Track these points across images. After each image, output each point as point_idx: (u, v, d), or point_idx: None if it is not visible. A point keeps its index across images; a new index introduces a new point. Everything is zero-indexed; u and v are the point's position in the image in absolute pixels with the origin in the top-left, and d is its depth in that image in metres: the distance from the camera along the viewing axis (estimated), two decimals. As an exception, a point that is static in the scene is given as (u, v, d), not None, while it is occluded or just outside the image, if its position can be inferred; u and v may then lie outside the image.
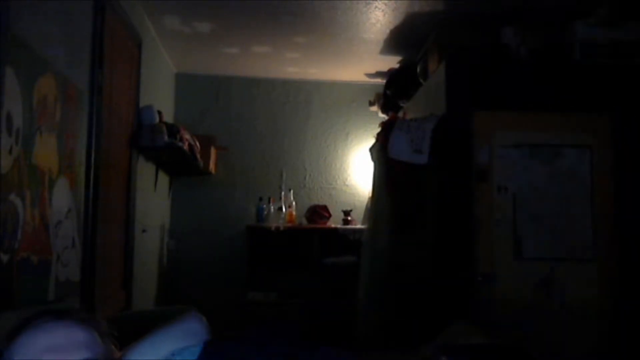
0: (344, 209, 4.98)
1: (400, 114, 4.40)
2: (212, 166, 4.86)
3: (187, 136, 4.09)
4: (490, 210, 3.40)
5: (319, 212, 4.94)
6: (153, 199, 4.20)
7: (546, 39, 3.58)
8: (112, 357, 1.19)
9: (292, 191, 4.97)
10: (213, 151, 4.85)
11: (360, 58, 4.60)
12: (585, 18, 3.52)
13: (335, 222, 4.96)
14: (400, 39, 4.12)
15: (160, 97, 4.33)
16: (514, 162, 3.45)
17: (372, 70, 4.90)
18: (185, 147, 3.99)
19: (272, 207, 4.87)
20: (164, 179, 4.55)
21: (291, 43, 4.32)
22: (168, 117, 4.42)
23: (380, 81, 4.86)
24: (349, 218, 4.94)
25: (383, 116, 4.74)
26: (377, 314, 3.72)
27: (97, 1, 2.73)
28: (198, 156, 4.40)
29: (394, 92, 4.52)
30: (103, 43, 2.79)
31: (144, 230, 3.85)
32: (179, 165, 4.42)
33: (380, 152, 3.78)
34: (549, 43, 3.57)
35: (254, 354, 1.27)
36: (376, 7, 3.64)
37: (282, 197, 4.93)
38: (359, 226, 4.77)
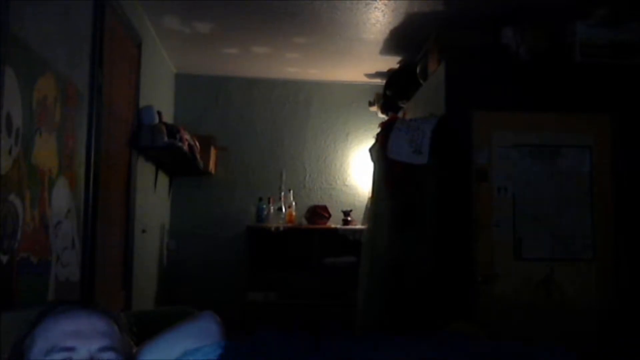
0: (344, 209, 4.97)
1: (400, 115, 4.40)
2: (212, 166, 4.86)
3: (186, 136, 4.09)
4: (490, 210, 3.40)
5: (318, 213, 4.94)
6: (153, 199, 4.20)
7: (546, 39, 3.57)
8: (131, 352, 1.21)
9: (292, 191, 4.96)
10: (213, 151, 4.85)
11: (360, 58, 4.59)
12: (585, 18, 3.52)
13: (335, 223, 4.96)
14: (400, 39, 4.12)
15: (160, 97, 4.33)
16: (514, 162, 3.45)
17: (372, 71, 4.90)
18: (185, 147, 3.99)
19: (272, 208, 4.87)
20: (163, 179, 4.55)
21: (291, 43, 4.32)
22: (168, 118, 4.42)
23: (380, 81, 4.85)
24: (349, 218, 4.94)
25: (383, 116, 4.74)
26: (377, 314, 3.72)
27: (97, 1, 2.73)
28: (198, 156, 4.40)
29: (393, 92, 4.51)
30: (103, 43, 2.79)
31: (144, 230, 3.85)
32: (179, 166, 4.42)
33: (380, 152, 3.77)
34: (549, 43, 3.57)
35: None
36: (376, 7, 3.64)
37: (282, 198, 4.93)
38: (359, 226, 4.76)
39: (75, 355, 1.09)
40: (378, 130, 4.01)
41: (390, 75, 4.63)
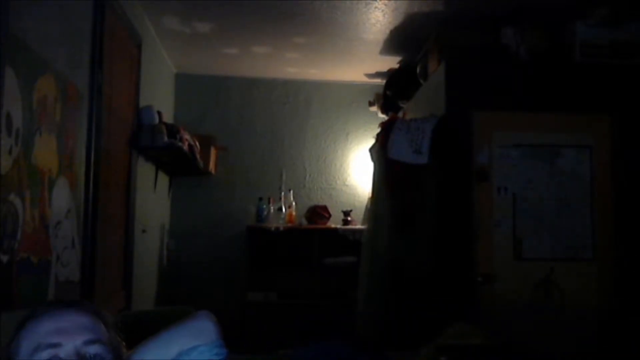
0: (344, 209, 4.98)
1: (400, 115, 4.40)
2: (212, 166, 4.86)
3: (186, 136, 4.09)
4: (490, 210, 3.40)
5: (318, 213, 4.94)
6: (153, 199, 4.20)
7: (546, 39, 3.57)
8: (119, 348, 1.21)
9: (292, 191, 4.96)
10: (213, 151, 4.85)
11: (360, 58, 4.59)
12: (585, 18, 3.52)
13: (335, 223, 4.96)
14: (400, 39, 4.12)
15: (160, 97, 4.33)
16: (514, 162, 3.45)
17: (372, 71, 4.90)
18: (185, 147, 3.99)
19: (272, 208, 4.87)
20: (163, 179, 4.55)
21: (291, 43, 4.32)
22: (168, 117, 4.42)
23: (380, 81, 4.86)
24: (349, 218, 4.94)
25: (383, 116, 4.74)
26: (377, 314, 3.72)
27: (97, 1, 2.73)
28: (198, 156, 4.40)
29: (393, 92, 4.51)
30: (103, 43, 2.79)
31: (144, 230, 3.85)
32: (179, 166, 4.42)
33: (380, 152, 3.77)
34: (549, 43, 3.57)
35: None
36: (376, 7, 3.64)
37: (282, 198, 4.93)
38: (359, 226, 4.76)
39: (61, 352, 1.10)
40: (378, 130, 4.02)
41: (390, 75, 4.63)
